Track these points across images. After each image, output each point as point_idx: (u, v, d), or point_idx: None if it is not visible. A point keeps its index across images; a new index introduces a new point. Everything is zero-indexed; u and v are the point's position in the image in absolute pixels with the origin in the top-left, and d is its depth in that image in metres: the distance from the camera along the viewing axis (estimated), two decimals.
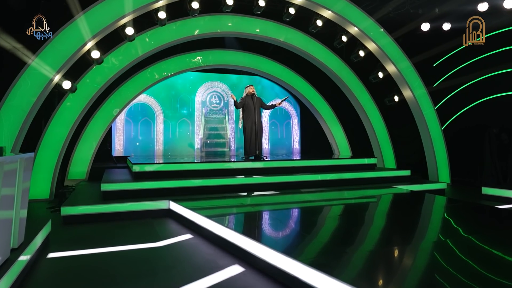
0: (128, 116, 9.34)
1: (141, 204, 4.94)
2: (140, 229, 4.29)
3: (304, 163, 6.77)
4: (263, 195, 5.59)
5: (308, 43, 8.26)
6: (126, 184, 5.28)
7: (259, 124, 7.19)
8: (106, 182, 5.20)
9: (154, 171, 5.82)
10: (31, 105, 5.54)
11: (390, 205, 5.17)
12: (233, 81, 10.41)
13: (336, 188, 6.17)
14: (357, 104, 8.89)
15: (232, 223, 3.91)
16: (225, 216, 4.26)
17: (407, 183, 6.81)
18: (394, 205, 5.10)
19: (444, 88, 8.47)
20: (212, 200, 5.20)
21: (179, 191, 5.48)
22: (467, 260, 2.64)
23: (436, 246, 2.95)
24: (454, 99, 8.48)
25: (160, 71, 8.27)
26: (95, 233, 4.15)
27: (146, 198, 5.16)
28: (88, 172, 7.68)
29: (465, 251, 2.80)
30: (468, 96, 8.20)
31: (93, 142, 7.67)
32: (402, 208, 4.81)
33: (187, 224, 4.38)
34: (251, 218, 4.18)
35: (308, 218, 4.21)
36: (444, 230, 3.57)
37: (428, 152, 8.25)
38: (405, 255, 2.76)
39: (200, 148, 9.91)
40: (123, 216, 4.84)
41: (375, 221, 4.03)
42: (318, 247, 2.95)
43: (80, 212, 4.66)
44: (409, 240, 3.14)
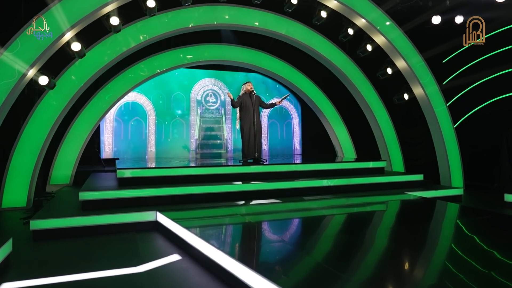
0: (118, 116, 8.72)
1: (125, 216, 4.33)
2: (121, 247, 3.68)
3: (308, 167, 6.17)
4: (263, 204, 4.98)
5: (311, 36, 7.66)
6: (109, 192, 4.66)
7: (258, 125, 6.59)
8: (86, 190, 4.58)
9: (141, 177, 5.20)
10: (0, 103, 4.91)
11: (407, 216, 4.57)
12: (230, 78, 9.80)
13: (344, 195, 5.57)
14: (363, 103, 8.29)
15: (228, 244, 3.29)
16: (220, 232, 3.65)
17: (420, 189, 6.23)
18: (411, 217, 4.50)
19: (456, 85, 7.89)
20: (206, 209, 4.59)
21: (169, 199, 4.87)
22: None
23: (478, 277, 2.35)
24: (467, 96, 7.89)
25: (152, 67, 7.65)
26: (67, 253, 3.54)
27: (131, 208, 4.55)
28: (73, 177, 7.06)
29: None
30: (482, 94, 7.63)
31: (78, 144, 7.05)
32: (421, 222, 4.21)
33: (175, 240, 3.76)
34: (250, 236, 3.57)
35: (325, 241, 3.60)
36: (478, 255, 2.97)
37: (440, 154, 7.66)
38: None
39: (195, 149, 9.30)
40: (103, 230, 4.22)
41: (394, 239, 3.43)
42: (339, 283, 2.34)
43: (53, 226, 4.04)
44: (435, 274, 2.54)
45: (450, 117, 7.59)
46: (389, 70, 7.59)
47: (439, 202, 5.18)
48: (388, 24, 7.16)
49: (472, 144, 7.81)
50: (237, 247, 3.16)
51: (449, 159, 7.58)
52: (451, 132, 7.60)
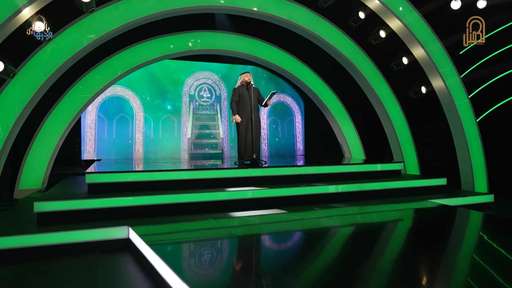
0: (101, 112, 7.86)
1: (88, 233, 3.46)
2: (74, 278, 2.82)
3: (314, 170, 5.30)
4: (262, 215, 4.12)
5: (316, 22, 6.79)
6: (71, 202, 3.80)
7: (257, 121, 5.75)
8: (42, 200, 3.72)
9: (115, 182, 4.33)
10: None
11: (440, 232, 3.71)
12: (226, 70, 8.93)
13: (356, 203, 4.71)
14: (374, 97, 7.43)
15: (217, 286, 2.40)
16: (205, 264, 2.78)
17: (443, 196, 5.37)
18: (445, 234, 3.64)
19: (479, 77, 7.02)
20: (192, 223, 3.73)
21: (147, 211, 4.02)
22: None
23: None
24: (491, 88, 7.01)
25: (137, 56, 6.79)
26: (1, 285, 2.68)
27: (99, 222, 3.69)
28: (46, 181, 6.23)
29: None
30: (509, 85, 6.76)
31: (51, 142, 6.22)
32: (460, 241, 3.35)
33: (148, 268, 2.90)
34: (246, 270, 2.71)
35: (342, 273, 2.74)
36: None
37: (462, 155, 6.79)
38: None
39: (188, 149, 8.44)
40: (61, 250, 3.36)
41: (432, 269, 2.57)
42: None
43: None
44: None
45: (473, 112, 6.71)
46: (405, 60, 6.72)
47: (472, 213, 4.32)
48: (404, 8, 6.29)
49: (498, 142, 6.93)
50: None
51: (472, 160, 6.71)
52: (474, 128, 6.73)
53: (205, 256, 2.82)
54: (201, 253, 2.93)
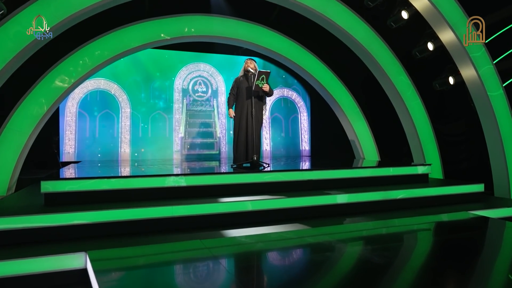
0: (83, 108, 6.97)
1: (31, 263, 2.56)
2: None
3: (327, 175, 4.39)
4: (265, 234, 3.21)
5: (326, 3, 5.88)
6: (16, 218, 2.90)
7: (258, 117, 4.85)
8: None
9: (77, 191, 3.43)
10: None
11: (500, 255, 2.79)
12: (223, 62, 8.02)
13: (383, 216, 3.80)
14: (391, 90, 6.51)
15: None
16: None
17: (479, 205, 4.48)
18: None
19: None
20: (172, 245, 2.83)
21: (116, 229, 3.11)
22: None
23: None
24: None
25: (120, 43, 5.89)
26: None
27: (53, 245, 2.80)
28: (13, 186, 5.33)
29: None
30: None
31: (19, 142, 5.32)
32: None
33: None
34: None
35: None
36: None
37: (495, 156, 5.87)
38: None
39: (180, 150, 7.53)
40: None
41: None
42: None
43: None
44: None
45: (508, 104, 5.80)
46: (430, 46, 5.80)
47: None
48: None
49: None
50: None
51: (508, 161, 5.79)
52: (510, 124, 5.81)
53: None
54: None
